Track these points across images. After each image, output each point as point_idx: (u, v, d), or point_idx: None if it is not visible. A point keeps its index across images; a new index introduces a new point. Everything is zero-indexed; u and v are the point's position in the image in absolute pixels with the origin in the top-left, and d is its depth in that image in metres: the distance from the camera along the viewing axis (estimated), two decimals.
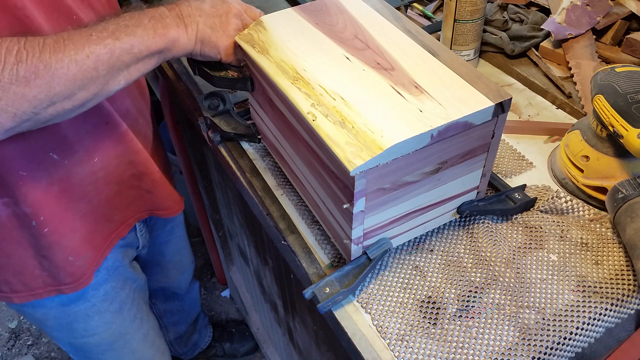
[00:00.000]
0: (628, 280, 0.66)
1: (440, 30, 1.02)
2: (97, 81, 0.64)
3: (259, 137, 0.86)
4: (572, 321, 0.62)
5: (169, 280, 1.37)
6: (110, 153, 0.87)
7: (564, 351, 0.61)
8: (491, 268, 0.68)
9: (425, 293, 0.66)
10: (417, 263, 0.70)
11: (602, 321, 0.63)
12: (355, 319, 0.64)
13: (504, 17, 1.04)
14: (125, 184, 0.93)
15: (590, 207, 0.75)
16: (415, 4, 1.19)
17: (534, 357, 0.59)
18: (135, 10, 0.68)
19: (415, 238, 0.73)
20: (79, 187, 0.85)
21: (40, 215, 0.82)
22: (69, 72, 0.61)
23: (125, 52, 0.65)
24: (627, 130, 0.66)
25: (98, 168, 0.86)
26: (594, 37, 0.99)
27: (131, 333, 1.10)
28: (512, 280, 0.66)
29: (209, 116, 0.86)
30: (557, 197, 0.75)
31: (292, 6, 0.79)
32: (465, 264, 0.69)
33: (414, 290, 0.67)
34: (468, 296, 0.65)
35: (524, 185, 0.76)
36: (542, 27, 1.01)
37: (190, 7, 0.70)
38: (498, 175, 0.80)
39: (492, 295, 0.65)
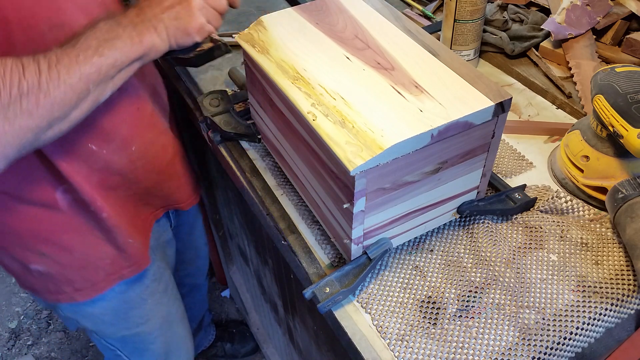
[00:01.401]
0: (628, 280, 0.66)
1: (440, 30, 1.02)
2: (89, 98, 0.66)
3: (259, 137, 0.86)
4: (572, 321, 0.62)
5: (186, 265, 1.38)
6: (145, 139, 0.89)
7: (564, 351, 0.61)
8: (491, 268, 0.68)
9: (425, 293, 0.66)
10: (417, 263, 0.70)
11: (602, 321, 0.63)
12: (355, 319, 0.64)
13: (504, 17, 1.04)
14: (164, 174, 0.96)
15: (590, 207, 0.75)
16: (415, 4, 1.19)
17: (534, 357, 0.59)
18: (109, 17, 0.69)
19: (415, 238, 0.73)
20: (119, 176, 0.87)
21: (96, 200, 0.84)
22: (65, 97, 0.63)
23: (111, 66, 0.67)
24: (627, 130, 0.66)
25: (136, 157, 0.88)
26: (594, 37, 0.99)
27: (173, 313, 1.13)
28: (512, 280, 0.66)
29: (208, 116, 0.86)
30: (557, 197, 0.75)
31: (292, 6, 0.79)
32: (465, 264, 0.69)
33: (414, 290, 0.67)
34: (468, 296, 0.65)
35: (524, 185, 0.76)
36: (542, 27, 1.01)
37: (151, 7, 0.72)
38: (498, 175, 0.80)
39: (492, 295, 0.65)
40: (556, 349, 0.61)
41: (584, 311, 0.63)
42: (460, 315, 0.64)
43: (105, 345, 1.08)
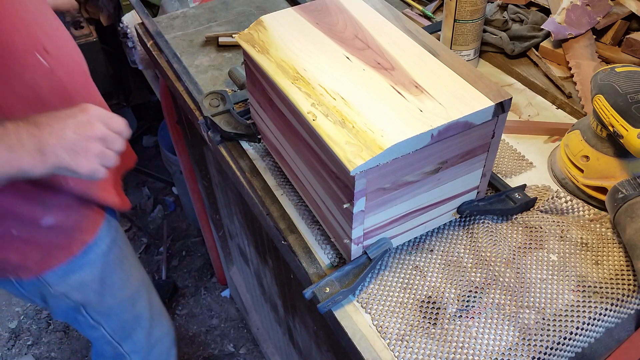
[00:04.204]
0: (628, 280, 0.66)
1: (440, 30, 1.02)
2: None
3: (259, 136, 0.86)
4: (572, 321, 0.62)
5: None
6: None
7: (564, 351, 0.61)
8: (491, 268, 0.68)
9: (425, 293, 0.66)
10: (417, 263, 0.70)
11: (602, 321, 0.63)
12: (355, 319, 0.64)
13: (504, 17, 1.04)
14: None
15: (590, 207, 0.75)
16: (415, 4, 1.19)
17: (534, 357, 0.59)
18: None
19: (415, 238, 0.73)
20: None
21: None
22: None
23: None
24: (627, 130, 0.66)
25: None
26: (594, 37, 0.99)
27: (146, 278, 1.19)
28: (512, 280, 0.66)
29: (209, 116, 0.86)
30: (557, 197, 0.75)
31: (292, 6, 0.79)
32: (465, 264, 0.69)
33: (414, 290, 0.67)
34: (468, 296, 0.65)
35: (524, 185, 0.76)
36: (542, 27, 1.01)
37: (52, 136, 0.69)
38: (498, 175, 0.80)
39: (492, 295, 0.65)
40: (556, 349, 0.61)
41: (584, 311, 0.63)
42: (460, 315, 0.64)
43: (92, 325, 1.11)
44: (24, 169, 0.68)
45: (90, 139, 0.72)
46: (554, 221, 0.73)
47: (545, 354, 0.60)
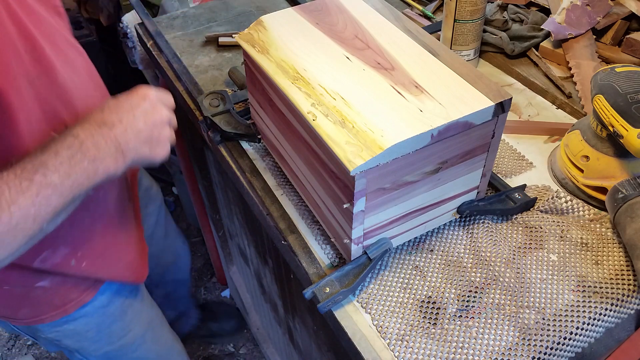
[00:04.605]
0: (628, 280, 0.66)
1: (440, 30, 1.02)
2: (40, 232, 0.63)
3: (259, 136, 0.86)
4: (572, 321, 0.62)
5: (167, 265, 1.39)
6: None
7: (564, 351, 0.61)
8: (491, 268, 0.68)
9: (425, 293, 0.66)
10: (417, 263, 0.70)
11: (602, 321, 0.63)
12: (355, 319, 0.64)
13: (504, 17, 1.04)
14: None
15: (590, 207, 0.75)
16: (415, 4, 1.19)
17: (534, 357, 0.59)
18: (72, 131, 0.64)
19: (415, 238, 0.73)
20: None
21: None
22: (15, 239, 0.59)
23: (68, 202, 0.63)
24: (627, 130, 0.66)
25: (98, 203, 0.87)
26: (594, 37, 0.99)
27: (155, 319, 1.12)
28: (512, 280, 0.66)
29: (209, 116, 0.86)
30: (557, 197, 0.75)
31: (292, 6, 0.79)
32: (465, 264, 0.69)
33: (414, 290, 0.67)
34: (468, 296, 0.65)
35: (524, 185, 0.76)
36: (542, 27, 1.01)
37: (127, 134, 0.66)
38: (498, 175, 0.80)
39: (492, 295, 0.65)
40: (556, 349, 0.61)
41: (584, 311, 0.63)
42: (460, 315, 0.64)
43: None
44: (109, 174, 0.66)
45: (159, 125, 0.71)
46: (554, 221, 0.73)
47: (545, 354, 0.60)
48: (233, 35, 0.77)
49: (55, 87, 0.74)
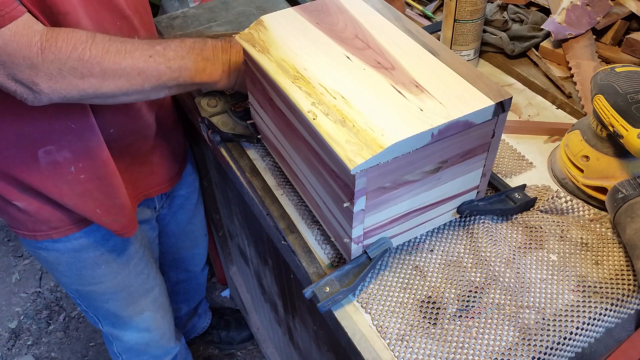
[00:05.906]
0: (628, 280, 0.66)
1: (440, 30, 1.02)
2: (140, 93, 0.75)
3: (258, 136, 0.86)
4: (572, 321, 0.62)
5: (183, 250, 1.40)
6: (126, 128, 0.93)
7: (564, 351, 0.61)
8: (491, 268, 0.68)
9: (425, 293, 0.66)
10: (417, 263, 0.70)
11: (602, 321, 0.63)
12: (355, 318, 0.64)
13: (504, 17, 1.04)
14: (139, 160, 0.99)
15: (590, 207, 0.75)
16: (415, 4, 1.19)
17: (534, 357, 0.59)
18: (199, 36, 0.77)
19: (415, 238, 0.72)
20: (95, 156, 0.89)
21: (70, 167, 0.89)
22: (118, 82, 0.71)
23: (172, 79, 0.75)
24: (627, 130, 0.66)
25: (113, 139, 0.91)
26: (594, 37, 1.00)
27: (135, 287, 1.14)
28: (512, 280, 0.66)
29: (206, 117, 0.86)
30: (557, 197, 0.75)
31: (292, 6, 0.79)
32: (465, 264, 0.69)
33: (414, 290, 0.67)
34: (468, 296, 0.65)
35: (524, 185, 0.76)
36: (542, 27, 1.01)
37: (239, 57, 0.79)
38: (498, 175, 0.80)
39: (492, 295, 0.65)
40: (556, 349, 0.60)
41: (584, 311, 0.63)
42: (460, 315, 0.63)
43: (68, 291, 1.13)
44: (213, 79, 0.79)
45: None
46: (554, 221, 0.73)
47: (545, 354, 0.60)
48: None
49: None
